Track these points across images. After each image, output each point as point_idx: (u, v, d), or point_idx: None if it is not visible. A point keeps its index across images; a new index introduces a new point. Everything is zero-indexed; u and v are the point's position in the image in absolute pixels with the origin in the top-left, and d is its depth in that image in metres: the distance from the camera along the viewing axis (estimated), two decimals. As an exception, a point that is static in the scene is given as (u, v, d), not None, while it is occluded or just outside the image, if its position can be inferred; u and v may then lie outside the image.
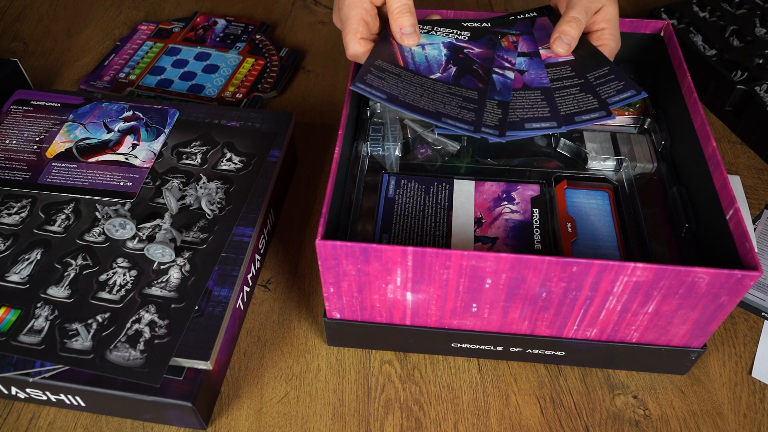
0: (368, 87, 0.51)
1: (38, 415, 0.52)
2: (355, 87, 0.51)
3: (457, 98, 0.53)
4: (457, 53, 0.57)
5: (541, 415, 0.53)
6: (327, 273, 0.48)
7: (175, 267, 0.55)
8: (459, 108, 0.52)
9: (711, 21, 0.82)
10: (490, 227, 0.54)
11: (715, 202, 0.50)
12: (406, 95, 0.52)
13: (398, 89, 0.52)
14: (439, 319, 0.52)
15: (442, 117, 0.51)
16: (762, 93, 0.72)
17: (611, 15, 0.56)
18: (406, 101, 0.51)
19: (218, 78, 0.81)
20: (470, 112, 0.52)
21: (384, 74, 0.53)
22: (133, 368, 0.48)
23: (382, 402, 0.53)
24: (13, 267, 0.55)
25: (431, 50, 0.56)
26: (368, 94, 0.51)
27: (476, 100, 0.53)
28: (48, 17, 0.94)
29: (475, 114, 0.51)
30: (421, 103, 0.51)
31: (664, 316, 0.48)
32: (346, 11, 0.53)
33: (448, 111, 0.51)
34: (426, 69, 0.55)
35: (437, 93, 0.53)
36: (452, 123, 0.50)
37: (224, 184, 0.61)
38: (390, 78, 0.53)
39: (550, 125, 0.52)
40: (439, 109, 0.51)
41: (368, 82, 0.51)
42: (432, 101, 0.52)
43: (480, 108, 0.52)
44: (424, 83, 0.53)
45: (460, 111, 0.52)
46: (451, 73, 0.55)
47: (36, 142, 0.65)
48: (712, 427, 0.52)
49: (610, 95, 0.53)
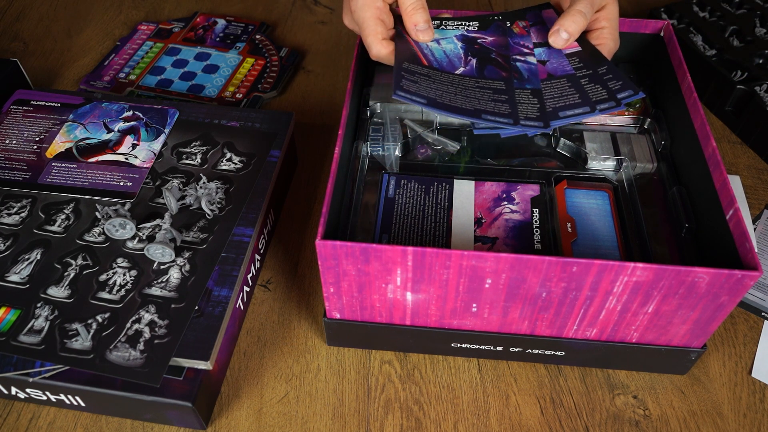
0: (408, 93, 0.50)
1: (38, 415, 0.52)
2: (396, 95, 0.50)
3: (487, 91, 0.52)
4: (472, 44, 0.56)
5: (541, 415, 0.53)
6: (327, 273, 0.48)
7: (175, 267, 0.55)
8: (492, 102, 0.51)
9: (711, 21, 0.82)
10: (490, 227, 0.54)
11: (715, 202, 0.50)
12: (442, 96, 0.51)
13: (433, 91, 0.51)
14: (439, 319, 0.52)
15: (481, 114, 0.50)
16: (762, 93, 0.72)
17: (612, 14, 0.56)
18: (444, 103, 0.50)
19: (218, 78, 0.81)
20: (504, 104, 0.51)
21: (415, 76, 0.52)
22: (133, 368, 0.48)
23: (382, 402, 0.53)
24: (13, 267, 0.55)
25: (447, 44, 0.56)
26: (409, 101, 0.50)
27: (505, 90, 0.52)
28: (48, 17, 0.94)
29: (509, 105, 0.51)
30: (457, 102, 0.51)
31: (664, 316, 0.48)
32: (360, 13, 0.53)
33: (485, 106, 0.51)
34: (449, 64, 0.54)
35: (468, 89, 0.52)
36: (492, 119, 0.50)
37: (224, 184, 0.61)
38: (422, 80, 0.52)
39: (583, 111, 0.51)
40: (476, 106, 0.50)
41: (406, 88, 0.50)
42: (466, 98, 0.51)
43: (511, 98, 0.51)
44: (453, 80, 0.53)
45: (495, 105, 0.51)
46: (473, 66, 0.54)
47: (36, 142, 0.65)
48: (712, 427, 0.52)
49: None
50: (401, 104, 0.62)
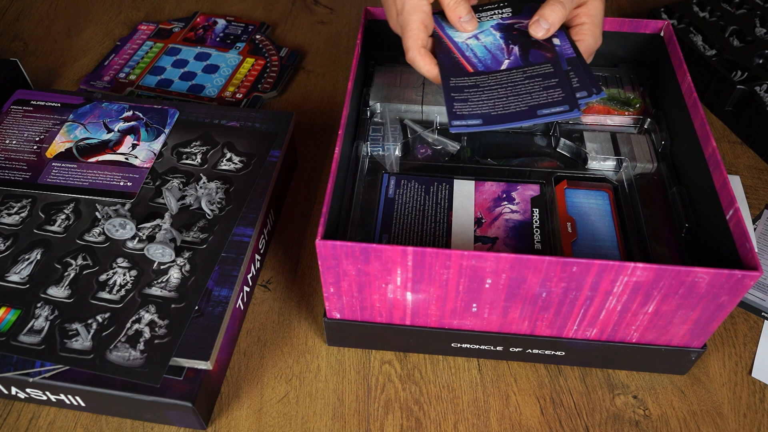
0: (462, 120, 0.50)
1: (38, 415, 0.52)
2: (454, 129, 0.49)
3: (536, 80, 0.51)
4: (510, 31, 0.56)
5: (541, 415, 0.53)
6: (327, 273, 0.48)
7: (175, 267, 0.55)
8: (544, 90, 0.50)
9: (711, 21, 0.82)
10: (490, 227, 0.54)
11: (715, 202, 0.50)
12: (495, 106, 0.50)
13: (485, 103, 0.51)
14: (439, 319, 0.52)
15: (537, 111, 0.49)
16: (762, 93, 0.72)
17: (595, 11, 0.55)
18: (498, 114, 0.50)
19: (218, 78, 0.81)
20: (556, 89, 0.50)
21: (464, 93, 0.51)
22: (133, 368, 0.48)
23: (382, 402, 0.53)
24: (13, 267, 0.55)
25: (486, 37, 0.55)
26: (467, 129, 0.49)
27: (553, 72, 0.52)
28: (48, 17, 0.94)
29: (562, 89, 0.50)
30: (510, 106, 0.50)
31: (664, 316, 0.48)
32: (406, 16, 0.53)
33: (538, 100, 0.50)
34: (493, 61, 0.54)
35: (518, 84, 0.51)
36: (549, 112, 0.49)
37: (224, 184, 0.61)
38: (471, 94, 0.51)
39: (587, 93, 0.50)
40: (529, 103, 0.50)
41: (459, 114, 0.50)
42: (518, 97, 0.50)
43: (562, 80, 0.51)
44: (501, 80, 0.52)
45: (548, 93, 0.50)
46: (517, 54, 0.54)
47: (36, 142, 0.65)
48: (712, 427, 0.52)
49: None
50: (401, 104, 0.62)
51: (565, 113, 0.49)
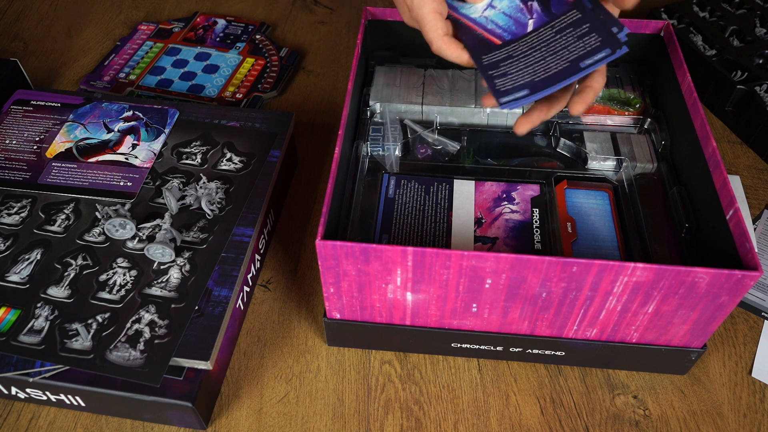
0: (510, 96, 0.48)
1: (38, 415, 0.52)
2: (504, 105, 0.47)
3: (568, 32, 0.49)
4: None
5: (541, 415, 0.53)
6: (327, 273, 0.48)
7: (175, 267, 0.55)
8: (580, 40, 0.48)
9: (711, 21, 0.82)
10: (490, 227, 0.54)
11: (715, 202, 0.50)
12: (537, 71, 0.48)
13: (526, 72, 0.48)
14: (439, 319, 0.52)
15: (579, 63, 0.47)
16: (762, 93, 0.72)
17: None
18: (543, 78, 0.47)
19: (218, 78, 0.81)
20: (590, 36, 0.48)
21: (500, 67, 0.49)
22: (133, 368, 0.48)
23: (382, 402, 0.53)
24: (13, 267, 0.55)
25: (500, 3, 0.53)
26: (516, 104, 0.47)
27: (582, 18, 0.49)
28: (48, 17, 0.94)
29: (597, 33, 0.48)
30: (551, 67, 0.48)
31: (664, 316, 0.48)
32: (418, 10, 0.52)
33: (577, 52, 0.48)
34: (517, 25, 0.52)
35: (550, 42, 0.49)
36: (592, 61, 0.46)
37: (224, 184, 0.61)
38: (508, 65, 0.49)
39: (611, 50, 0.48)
40: (569, 58, 0.48)
41: (504, 91, 0.48)
42: (556, 56, 0.48)
43: (593, 23, 0.48)
44: (532, 43, 0.50)
45: (583, 43, 0.48)
46: (539, 11, 0.51)
47: (36, 142, 0.65)
48: (712, 427, 0.52)
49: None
50: (401, 104, 0.62)
51: (609, 56, 0.46)
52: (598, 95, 0.64)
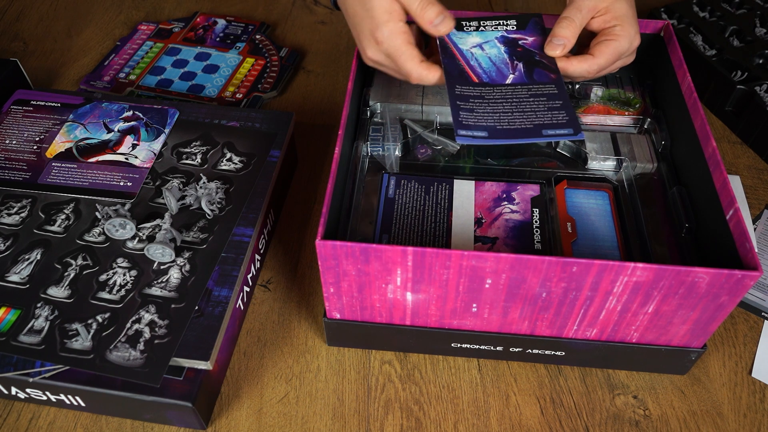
0: (468, 131, 0.49)
1: (38, 415, 0.52)
2: (460, 139, 0.49)
3: (541, 99, 0.51)
4: (515, 47, 0.55)
5: (541, 415, 0.53)
6: (327, 273, 0.48)
7: (175, 267, 0.55)
8: (549, 111, 0.51)
9: (711, 21, 0.82)
10: (490, 227, 0.54)
11: (715, 202, 0.50)
12: (500, 119, 0.50)
13: (491, 117, 0.51)
14: (439, 319, 0.52)
15: (542, 130, 0.49)
16: (762, 93, 0.72)
17: (621, 11, 0.54)
18: (504, 128, 0.50)
19: (218, 78, 0.81)
20: (559, 112, 0.51)
21: (469, 103, 0.51)
22: (133, 368, 0.48)
23: (382, 402, 0.53)
24: (13, 267, 0.55)
25: (490, 49, 0.55)
26: (472, 141, 0.50)
27: (557, 94, 0.52)
28: (48, 17, 0.94)
29: (566, 112, 0.50)
30: (516, 122, 0.50)
31: (664, 316, 0.48)
32: (389, 42, 0.51)
33: (543, 119, 0.50)
34: (498, 74, 0.53)
35: (522, 100, 0.51)
36: (554, 133, 0.49)
37: (224, 184, 0.61)
38: (477, 105, 0.51)
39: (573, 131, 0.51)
40: (535, 121, 0.50)
41: (465, 124, 0.50)
42: (524, 114, 0.51)
43: (565, 102, 0.51)
44: (506, 94, 0.52)
45: (551, 114, 0.50)
46: (521, 71, 0.53)
47: (36, 142, 0.65)
48: (712, 427, 0.52)
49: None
50: (401, 104, 0.62)
51: (569, 136, 0.50)
52: (598, 95, 0.64)
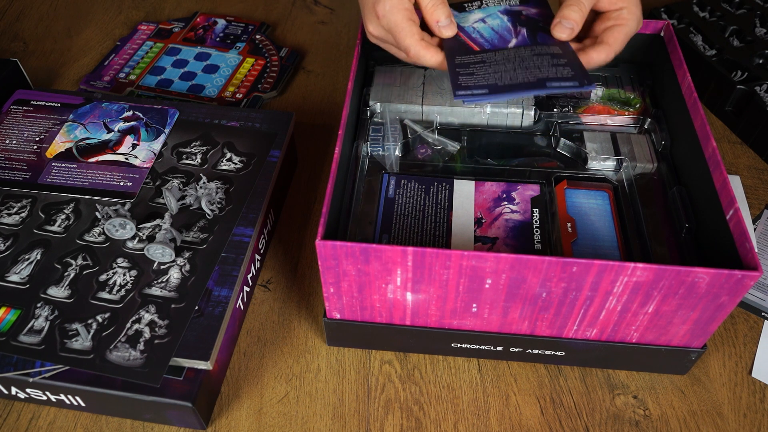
0: (467, 90, 0.49)
1: (38, 415, 0.52)
2: (457, 97, 0.48)
3: (545, 57, 0.50)
4: (518, 16, 0.55)
5: (541, 415, 0.53)
6: (327, 273, 0.48)
7: (175, 267, 0.55)
8: (554, 67, 0.49)
9: (711, 21, 0.82)
10: (490, 227, 0.54)
11: (715, 202, 0.50)
12: (502, 77, 0.49)
13: (492, 76, 0.50)
14: (439, 319, 0.52)
15: (546, 83, 0.48)
16: (762, 93, 0.72)
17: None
18: (506, 84, 0.49)
19: (218, 78, 0.81)
20: (564, 67, 0.49)
21: (470, 68, 0.50)
22: (133, 368, 0.48)
23: (382, 402, 0.53)
24: (13, 267, 0.55)
25: (493, 20, 0.54)
26: (471, 99, 0.48)
27: (563, 54, 0.50)
28: (48, 17, 0.94)
29: (571, 67, 0.49)
30: (518, 77, 0.49)
31: (664, 316, 0.48)
32: (390, 17, 0.51)
33: (547, 73, 0.49)
34: (500, 40, 0.53)
35: (525, 59, 0.50)
36: (559, 85, 0.48)
37: (224, 184, 0.61)
38: (477, 68, 0.50)
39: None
40: (538, 75, 0.49)
41: (464, 85, 0.49)
42: (527, 70, 0.49)
43: (571, 59, 0.50)
44: (509, 55, 0.51)
45: (556, 69, 0.49)
46: (524, 35, 0.53)
47: (36, 142, 0.65)
48: (712, 427, 0.52)
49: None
50: (401, 104, 0.62)
51: (577, 87, 0.47)
52: (598, 95, 0.64)
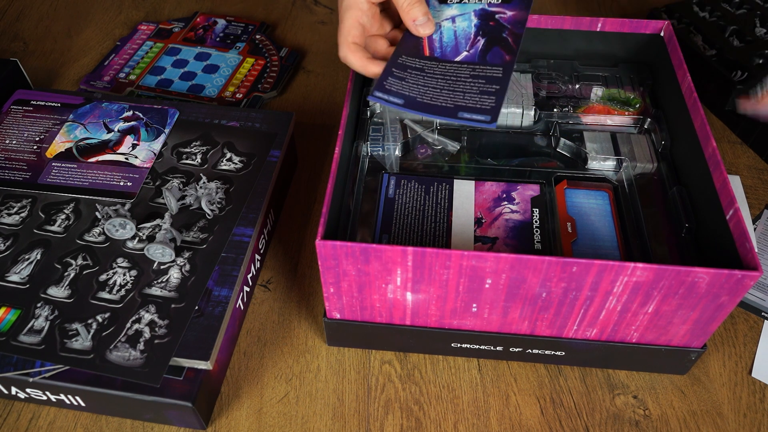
0: (386, 95, 0.50)
1: (38, 415, 0.52)
2: (373, 98, 0.49)
3: (479, 81, 0.51)
4: (488, 21, 0.55)
5: (541, 415, 0.53)
6: (327, 273, 0.48)
7: (175, 267, 0.55)
8: (479, 94, 0.50)
9: (711, 21, 0.82)
10: (490, 227, 0.54)
11: (715, 202, 0.50)
12: (425, 93, 0.50)
13: (417, 88, 0.50)
14: (439, 319, 0.52)
15: (458, 112, 0.49)
16: (762, 93, 0.72)
17: None
18: (423, 102, 0.49)
19: (218, 78, 0.81)
20: (491, 96, 0.49)
21: (405, 72, 0.51)
22: (133, 368, 0.48)
23: (382, 402, 0.53)
24: (13, 267, 0.55)
25: (461, 22, 0.55)
26: (385, 103, 0.49)
27: (500, 78, 0.51)
28: (48, 17, 0.94)
29: (495, 98, 0.49)
30: (439, 99, 0.50)
31: (664, 316, 0.48)
32: (342, 13, 0.52)
33: (467, 102, 0.49)
34: (453, 49, 0.53)
35: (459, 80, 0.51)
36: (468, 117, 0.48)
37: (224, 184, 0.61)
38: (411, 76, 0.51)
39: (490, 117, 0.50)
40: (458, 102, 0.49)
41: (387, 89, 0.50)
42: (452, 93, 0.50)
43: (501, 88, 0.50)
44: (447, 71, 0.52)
45: (480, 98, 0.49)
46: (478, 48, 0.53)
47: (36, 142, 0.65)
48: (712, 427, 0.52)
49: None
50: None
51: (482, 123, 0.48)
52: (598, 95, 0.64)
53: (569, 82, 0.65)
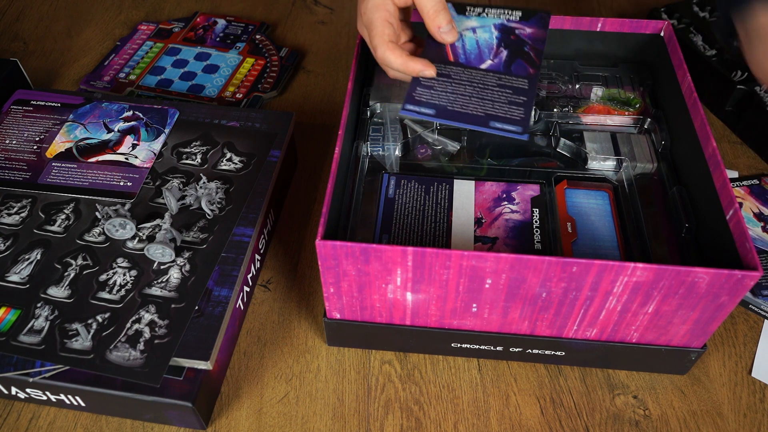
0: (417, 107, 0.50)
1: (38, 415, 0.52)
2: (405, 112, 0.50)
3: (506, 91, 0.51)
4: (509, 35, 0.55)
5: (541, 415, 0.53)
6: (327, 273, 0.48)
7: (175, 267, 0.55)
8: (508, 104, 0.51)
9: (711, 21, 0.82)
10: (490, 227, 0.54)
11: (715, 202, 0.50)
12: (455, 101, 0.51)
13: (447, 96, 0.51)
14: (439, 319, 0.52)
15: (489, 121, 0.49)
16: (762, 93, 0.72)
17: None
18: (454, 110, 0.50)
19: (218, 78, 0.81)
20: (519, 107, 0.50)
21: (433, 80, 0.52)
22: (133, 368, 0.48)
23: (382, 402, 0.53)
24: (13, 267, 0.55)
25: (482, 33, 0.55)
26: (417, 115, 0.50)
27: (526, 90, 0.52)
28: (48, 17, 0.94)
29: (524, 109, 0.50)
30: (469, 107, 0.50)
31: (664, 316, 0.48)
32: (369, 15, 0.52)
33: (497, 111, 0.50)
34: (477, 57, 0.54)
35: (487, 88, 0.52)
36: (500, 127, 0.49)
37: (224, 184, 0.61)
38: (439, 83, 0.51)
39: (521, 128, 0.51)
40: (488, 111, 0.50)
41: (417, 100, 0.50)
42: (481, 101, 0.51)
43: (529, 100, 0.51)
44: (474, 78, 0.52)
45: (509, 108, 0.50)
46: (502, 59, 0.54)
47: (36, 142, 0.65)
48: (712, 427, 0.52)
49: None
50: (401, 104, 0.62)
51: (514, 134, 0.49)
52: (598, 95, 0.64)
53: (569, 82, 0.65)
